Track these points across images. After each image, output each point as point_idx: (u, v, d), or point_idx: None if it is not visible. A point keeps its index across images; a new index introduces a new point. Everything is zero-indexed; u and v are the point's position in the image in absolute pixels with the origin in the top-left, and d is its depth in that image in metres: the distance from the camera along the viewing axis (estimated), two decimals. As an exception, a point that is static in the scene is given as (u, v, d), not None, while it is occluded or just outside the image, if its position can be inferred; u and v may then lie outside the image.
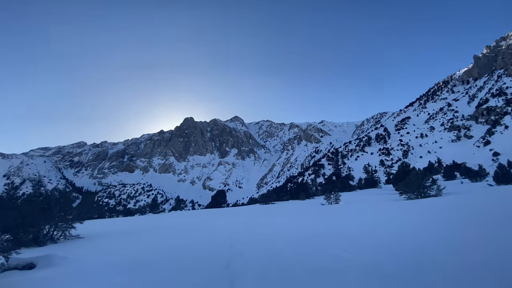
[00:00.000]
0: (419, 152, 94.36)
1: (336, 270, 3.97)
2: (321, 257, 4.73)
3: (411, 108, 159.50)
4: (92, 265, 5.54)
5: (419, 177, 18.10)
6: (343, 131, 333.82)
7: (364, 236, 6.39)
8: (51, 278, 4.59)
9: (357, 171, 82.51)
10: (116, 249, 7.66)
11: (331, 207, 17.83)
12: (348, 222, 9.66)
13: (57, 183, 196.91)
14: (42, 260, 5.74)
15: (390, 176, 63.44)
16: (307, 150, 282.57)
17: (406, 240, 5.63)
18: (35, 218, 8.11)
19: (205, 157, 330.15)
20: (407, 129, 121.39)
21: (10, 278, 4.81)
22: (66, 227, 10.26)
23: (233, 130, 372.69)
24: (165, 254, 6.06)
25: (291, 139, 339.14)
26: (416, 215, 9.63)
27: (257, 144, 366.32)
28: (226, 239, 7.42)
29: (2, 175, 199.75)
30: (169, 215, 24.70)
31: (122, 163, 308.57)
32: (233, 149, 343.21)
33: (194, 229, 11.45)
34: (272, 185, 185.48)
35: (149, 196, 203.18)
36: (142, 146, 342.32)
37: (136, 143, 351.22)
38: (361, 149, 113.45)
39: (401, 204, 14.46)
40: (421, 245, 4.95)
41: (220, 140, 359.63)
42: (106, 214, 52.84)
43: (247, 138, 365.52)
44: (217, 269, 4.45)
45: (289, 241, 6.50)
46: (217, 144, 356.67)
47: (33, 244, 8.99)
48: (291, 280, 3.69)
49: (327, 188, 40.04)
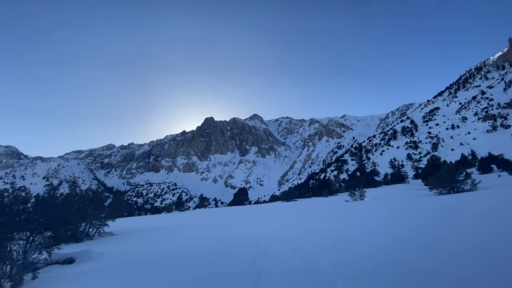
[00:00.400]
0: (450, 144, 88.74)
1: (369, 269, 3.85)
2: (349, 255, 4.62)
3: (440, 98, 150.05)
4: (126, 260, 5.87)
5: (451, 171, 17.02)
6: (366, 125, 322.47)
7: (389, 233, 6.14)
8: (91, 272, 4.93)
9: (383, 166, 79.38)
10: (147, 244, 8.04)
11: (356, 203, 17.35)
12: (375, 218, 9.33)
13: (90, 184, 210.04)
14: (81, 255, 6.18)
15: (418, 170, 60.35)
16: (329, 146, 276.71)
17: (448, 239, 5.32)
18: (73, 216, 8.73)
19: (226, 156, 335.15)
20: (436, 121, 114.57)
21: (54, 272, 5.22)
22: (100, 224, 10.95)
23: (253, 128, 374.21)
24: (192, 250, 6.26)
25: (311, 135, 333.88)
26: (451, 211, 9.08)
27: (277, 141, 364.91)
28: (249, 237, 7.48)
29: (42, 177, 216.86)
30: (194, 213, 25.44)
31: (148, 164, 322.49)
32: (253, 147, 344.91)
33: (217, 226, 11.69)
34: (294, 182, 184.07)
35: (174, 194, 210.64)
36: (166, 146, 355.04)
37: (161, 144, 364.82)
38: (386, 143, 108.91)
39: (432, 199, 13.70)
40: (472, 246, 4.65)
41: (240, 139, 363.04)
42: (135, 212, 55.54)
43: (267, 136, 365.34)
44: (243, 265, 4.51)
45: (313, 237, 6.41)
46: (237, 142, 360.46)
47: (72, 240, 9.69)
48: (317, 276, 3.64)
49: (351, 185, 39.00)
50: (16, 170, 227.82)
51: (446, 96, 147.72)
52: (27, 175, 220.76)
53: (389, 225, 7.45)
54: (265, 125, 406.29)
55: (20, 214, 4.92)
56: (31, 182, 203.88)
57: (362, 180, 46.67)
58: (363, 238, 5.84)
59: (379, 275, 3.53)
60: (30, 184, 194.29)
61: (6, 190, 5.20)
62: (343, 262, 4.23)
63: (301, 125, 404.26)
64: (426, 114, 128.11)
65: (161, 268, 4.78)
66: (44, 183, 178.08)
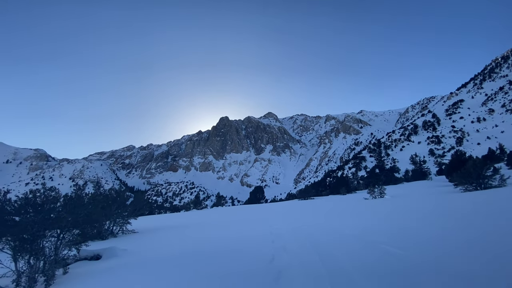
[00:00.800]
0: (476, 138, 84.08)
1: (391, 269, 3.74)
2: (369, 253, 4.51)
3: (464, 89, 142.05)
4: (149, 256, 6.09)
5: (478, 166, 16.14)
6: (385, 120, 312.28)
7: (413, 232, 5.92)
8: (117, 267, 5.16)
9: (403, 163, 76.60)
10: (169, 241, 8.28)
11: (375, 201, 16.89)
12: (396, 216, 9.03)
13: (113, 184, 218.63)
14: (106, 252, 6.47)
15: (442, 166, 57.73)
16: (346, 143, 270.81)
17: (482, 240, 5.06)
18: (98, 215, 9.15)
19: (241, 155, 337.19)
20: (460, 114, 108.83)
21: (83, 268, 5.51)
22: (123, 222, 11.39)
23: (267, 126, 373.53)
24: (211, 248, 6.36)
25: (327, 132, 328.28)
26: (484, 208, 8.61)
27: (292, 139, 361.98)
28: (267, 235, 7.49)
29: (69, 178, 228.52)
30: (211, 211, 25.84)
31: (166, 163, 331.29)
32: (268, 145, 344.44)
33: (235, 224, 11.81)
34: (310, 180, 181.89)
35: (192, 193, 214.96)
36: (183, 146, 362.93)
37: (178, 144, 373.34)
38: (406, 139, 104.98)
39: (459, 196, 13.06)
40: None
41: (255, 137, 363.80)
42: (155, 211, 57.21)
43: (282, 134, 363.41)
44: (263, 263, 4.53)
45: (332, 235, 6.32)
46: (252, 141, 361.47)
47: (97, 237, 10.16)
48: (337, 273, 3.59)
49: (370, 182, 38.01)
50: (45, 172, 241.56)
51: (470, 87, 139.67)
52: (55, 176, 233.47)
53: (413, 223, 7.18)
54: (280, 123, 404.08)
55: (51, 213, 5.22)
56: (59, 182, 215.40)
57: (381, 177, 45.36)
58: (384, 237, 5.68)
59: (402, 274, 3.42)
60: (58, 185, 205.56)
61: (38, 190, 5.54)
62: (363, 260, 4.14)
63: (317, 122, 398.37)
64: (449, 107, 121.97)
65: (181, 265, 4.91)
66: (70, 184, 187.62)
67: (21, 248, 4.63)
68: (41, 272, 4.69)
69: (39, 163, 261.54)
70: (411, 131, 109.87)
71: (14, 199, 5.19)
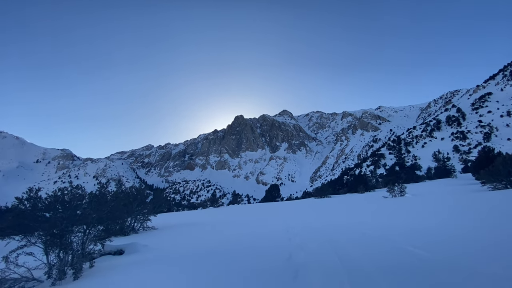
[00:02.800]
0: (506, 133, 79.09)
1: (412, 269, 3.63)
2: (388, 252, 4.39)
3: (493, 82, 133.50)
4: (170, 251, 6.32)
5: (508, 163, 15.20)
6: (405, 116, 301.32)
7: (435, 232, 5.68)
8: (140, 262, 5.38)
9: (425, 160, 73.54)
10: (188, 238, 8.51)
11: (395, 200, 16.37)
12: (418, 216, 8.71)
13: (133, 182, 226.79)
14: (129, 247, 6.75)
15: (467, 163, 54.90)
16: (364, 140, 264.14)
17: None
18: (120, 212, 9.54)
19: (256, 153, 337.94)
20: (488, 108, 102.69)
21: (108, 262, 5.78)
22: (144, 219, 11.80)
23: (282, 124, 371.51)
24: (229, 245, 6.45)
25: (344, 129, 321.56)
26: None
27: (308, 136, 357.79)
28: (284, 233, 7.49)
29: (92, 176, 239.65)
30: (228, 209, 26.18)
31: (183, 162, 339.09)
32: (283, 143, 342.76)
33: (252, 222, 11.89)
34: (327, 178, 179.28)
35: (209, 191, 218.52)
36: (199, 145, 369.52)
37: (194, 143, 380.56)
38: (428, 135, 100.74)
39: (487, 195, 12.37)
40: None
41: (270, 135, 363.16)
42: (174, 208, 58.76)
43: (297, 131, 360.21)
44: (280, 260, 4.55)
45: (350, 234, 6.21)
46: (267, 139, 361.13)
47: (120, 233, 10.60)
48: (354, 269, 3.53)
49: (390, 180, 36.84)
50: (71, 171, 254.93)
51: (499, 79, 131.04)
52: (80, 175, 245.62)
53: (436, 223, 6.90)
54: (295, 121, 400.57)
55: (77, 209, 5.52)
56: (84, 181, 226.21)
57: (401, 175, 43.79)
58: (405, 236, 5.51)
59: (423, 275, 3.31)
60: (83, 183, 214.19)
61: (65, 188, 5.87)
62: (383, 260, 4.04)
63: (333, 119, 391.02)
64: (475, 100, 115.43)
65: (200, 262, 5.02)
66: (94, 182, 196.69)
67: (52, 242, 4.93)
68: (70, 265, 4.97)
69: (65, 162, 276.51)
70: (434, 126, 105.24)
71: (44, 197, 5.53)
